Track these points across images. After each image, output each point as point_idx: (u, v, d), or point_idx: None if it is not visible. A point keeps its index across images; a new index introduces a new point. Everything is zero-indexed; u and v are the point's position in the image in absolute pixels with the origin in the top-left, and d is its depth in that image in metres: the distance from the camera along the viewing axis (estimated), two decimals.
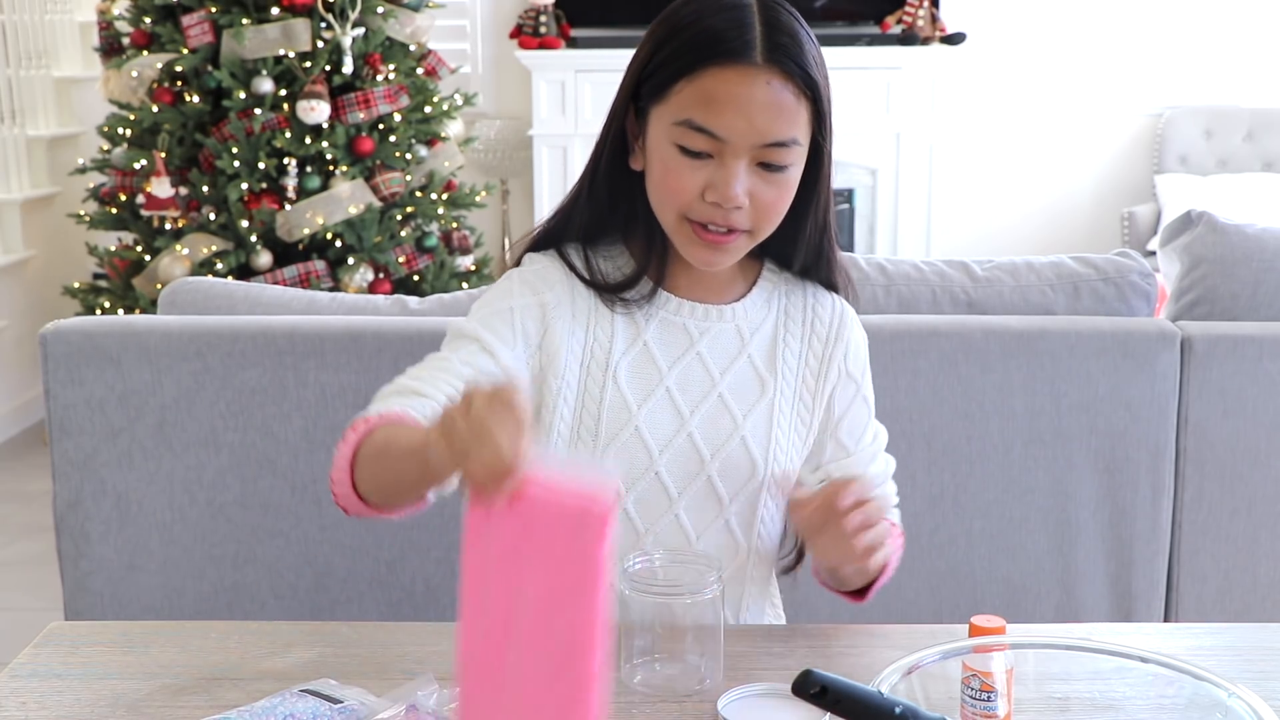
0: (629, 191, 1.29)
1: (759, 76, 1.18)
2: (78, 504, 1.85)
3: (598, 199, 1.31)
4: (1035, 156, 5.49)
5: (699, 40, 1.19)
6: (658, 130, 1.23)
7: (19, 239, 4.61)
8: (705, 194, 1.21)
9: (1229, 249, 1.98)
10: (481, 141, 5.14)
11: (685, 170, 1.21)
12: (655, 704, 1.11)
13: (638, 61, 1.25)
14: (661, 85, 1.22)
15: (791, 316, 1.36)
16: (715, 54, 1.18)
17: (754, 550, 1.35)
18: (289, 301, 1.97)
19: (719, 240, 1.24)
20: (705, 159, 1.21)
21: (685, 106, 1.20)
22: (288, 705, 1.05)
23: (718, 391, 1.31)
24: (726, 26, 1.19)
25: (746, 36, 1.19)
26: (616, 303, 1.30)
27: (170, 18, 3.90)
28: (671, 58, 1.21)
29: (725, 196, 1.20)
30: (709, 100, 1.19)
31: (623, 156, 1.29)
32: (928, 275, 1.96)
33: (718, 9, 1.21)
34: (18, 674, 1.16)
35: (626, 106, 1.27)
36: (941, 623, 1.21)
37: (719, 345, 1.32)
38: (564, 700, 0.91)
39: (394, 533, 1.87)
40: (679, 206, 1.23)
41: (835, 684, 0.88)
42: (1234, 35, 5.38)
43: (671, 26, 1.22)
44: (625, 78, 1.27)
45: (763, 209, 1.23)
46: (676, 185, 1.22)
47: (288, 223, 3.82)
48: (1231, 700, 0.94)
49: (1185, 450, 1.91)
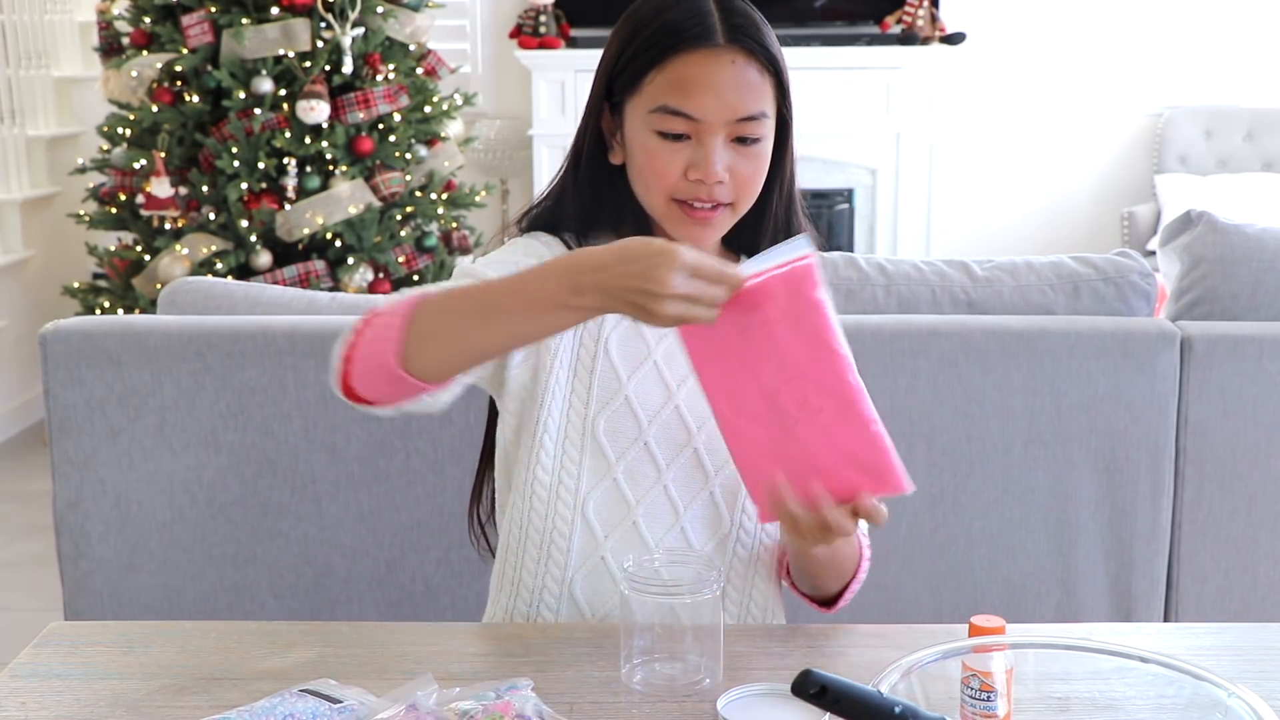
0: (612, 186, 1.36)
1: (723, 56, 1.26)
2: (77, 504, 1.85)
3: (583, 196, 1.37)
4: (1035, 156, 5.49)
5: (663, 31, 1.28)
6: (635, 121, 1.30)
7: (19, 239, 4.61)
8: (688, 173, 1.28)
9: (1229, 249, 1.98)
10: (481, 141, 5.14)
11: (666, 154, 1.28)
12: (655, 704, 1.11)
13: (607, 61, 1.33)
14: (633, 78, 1.29)
15: None
16: (681, 41, 1.27)
17: (737, 525, 1.37)
18: (289, 301, 1.97)
19: (706, 216, 1.30)
20: (684, 141, 1.28)
21: (659, 94, 1.27)
22: (287, 705, 1.05)
23: None
24: (686, 16, 1.27)
25: (707, 22, 1.27)
26: None
27: (170, 18, 3.90)
28: (639, 52, 1.29)
29: (707, 173, 1.27)
30: (680, 84, 1.26)
31: (602, 154, 1.36)
32: (928, 275, 1.96)
33: (674, 3, 1.29)
34: (18, 674, 1.16)
35: (601, 105, 1.34)
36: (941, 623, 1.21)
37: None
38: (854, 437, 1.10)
39: (394, 533, 1.87)
40: (665, 189, 1.30)
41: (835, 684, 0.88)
42: (1234, 35, 5.38)
43: (634, 24, 1.31)
44: (596, 79, 1.35)
45: (742, 181, 1.30)
46: (660, 168, 1.29)
47: (287, 223, 3.82)
48: (1231, 700, 0.94)
49: (1185, 450, 1.91)
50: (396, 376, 1.13)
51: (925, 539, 1.90)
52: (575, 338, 1.34)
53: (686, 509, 1.35)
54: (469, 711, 1.02)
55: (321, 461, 1.85)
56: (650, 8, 1.30)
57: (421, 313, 1.12)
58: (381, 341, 1.12)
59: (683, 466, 1.35)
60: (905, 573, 1.92)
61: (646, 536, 1.34)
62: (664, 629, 1.13)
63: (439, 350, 1.12)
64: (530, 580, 1.36)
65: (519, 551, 1.37)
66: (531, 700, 1.05)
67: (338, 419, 1.84)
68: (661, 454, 1.34)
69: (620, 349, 1.35)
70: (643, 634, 1.14)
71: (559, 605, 1.35)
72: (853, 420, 1.11)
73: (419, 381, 1.13)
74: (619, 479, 1.34)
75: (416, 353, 1.12)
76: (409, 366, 1.12)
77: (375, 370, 1.13)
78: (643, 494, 1.35)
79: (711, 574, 1.14)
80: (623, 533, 1.35)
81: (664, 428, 1.34)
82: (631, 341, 1.36)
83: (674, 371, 1.35)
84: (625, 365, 1.35)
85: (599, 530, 1.35)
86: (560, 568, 1.35)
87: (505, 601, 1.39)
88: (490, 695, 1.05)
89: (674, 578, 1.15)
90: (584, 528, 1.34)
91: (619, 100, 1.32)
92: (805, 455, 1.13)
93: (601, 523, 1.35)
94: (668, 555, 1.21)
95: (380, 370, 1.13)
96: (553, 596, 1.35)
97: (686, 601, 1.13)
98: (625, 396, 1.34)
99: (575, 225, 1.38)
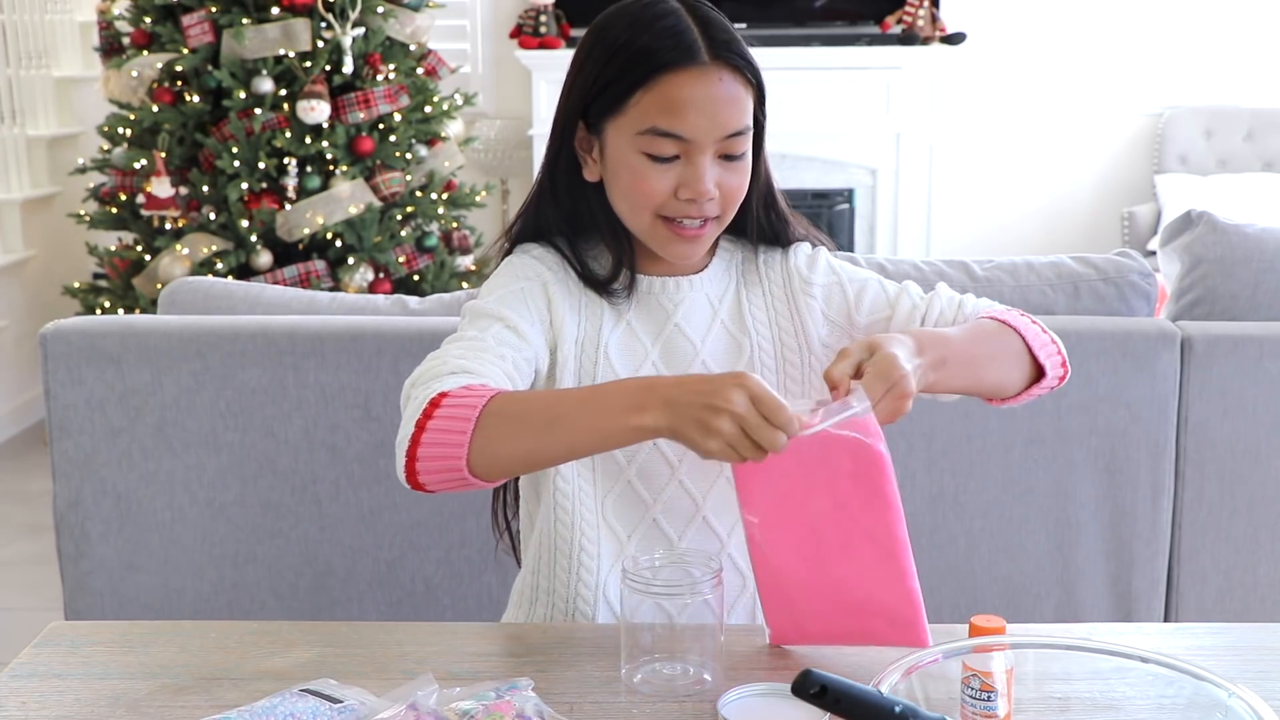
0: (587, 201, 1.36)
1: (710, 74, 1.25)
2: (78, 504, 1.85)
3: (561, 209, 1.37)
4: (1035, 156, 5.49)
5: (644, 53, 1.25)
6: (618, 142, 1.29)
7: (19, 239, 4.61)
8: (678, 192, 1.28)
9: (1229, 249, 1.98)
10: (481, 141, 5.14)
11: (655, 175, 1.27)
12: (655, 704, 1.11)
13: (582, 82, 1.30)
14: (616, 100, 1.27)
15: (748, 280, 1.42)
16: (667, 61, 1.24)
17: None
18: (289, 301, 1.97)
19: (695, 234, 1.31)
20: (672, 161, 1.27)
21: (647, 115, 1.26)
22: (288, 705, 1.05)
23: (701, 359, 1.37)
24: (666, 35, 1.25)
25: (688, 40, 1.25)
26: (603, 294, 1.36)
27: (170, 17, 3.90)
28: (620, 74, 1.26)
29: (699, 192, 1.27)
30: (670, 105, 1.25)
31: (576, 170, 1.35)
32: (928, 275, 1.96)
33: (649, 22, 1.26)
34: (18, 674, 1.17)
35: (574, 124, 1.32)
36: (941, 623, 1.21)
37: (694, 314, 1.38)
38: (891, 588, 1.15)
39: (394, 533, 1.87)
40: (653, 208, 1.29)
41: (835, 684, 0.88)
42: (1234, 35, 5.38)
43: (609, 47, 1.28)
44: (569, 98, 1.32)
45: (729, 194, 1.30)
46: (649, 189, 1.28)
47: (288, 223, 3.82)
48: (1231, 700, 0.94)
49: (1185, 450, 1.91)
50: (463, 479, 1.15)
51: (925, 539, 1.90)
52: (577, 344, 1.34)
53: (705, 498, 1.36)
54: (469, 711, 1.02)
55: (321, 461, 1.85)
56: (623, 27, 1.27)
57: (489, 419, 1.13)
58: (451, 445, 1.13)
59: (695, 459, 1.33)
60: None
61: (669, 531, 1.35)
62: (663, 629, 1.14)
63: (504, 457, 1.14)
64: (564, 590, 1.37)
65: (550, 562, 1.37)
66: (532, 700, 1.05)
67: (338, 419, 1.84)
68: (672, 451, 1.34)
69: (620, 353, 1.35)
70: (643, 634, 1.14)
71: (594, 612, 1.36)
72: (893, 571, 1.15)
73: (479, 481, 1.16)
74: (632, 480, 1.35)
75: (481, 457, 1.13)
76: (473, 470, 1.14)
77: (443, 471, 1.15)
78: (658, 491, 1.35)
79: (710, 574, 1.14)
80: (644, 530, 1.35)
81: None
82: (629, 344, 1.36)
83: (672, 368, 1.36)
84: (625, 367, 1.35)
85: (621, 532, 1.35)
86: (591, 573, 1.35)
87: (542, 612, 1.40)
88: (490, 695, 1.05)
89: (673, 578, 1.15)
90: (607, 531, 1.35)
91: (596, 121, 1.30)
92: (836, 592, 1.16)
93: (622, 524, 1.35)
94: (667, 555, 1.21)
95: (448, 472, 1.15)
96: (586, 604, 1.36)
97: (685, 602, 1.13)
98: None
99: (560, 230, 1.38)
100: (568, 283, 1.36)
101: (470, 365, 1.21)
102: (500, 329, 1.28)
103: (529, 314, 1.32)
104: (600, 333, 1.35)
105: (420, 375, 1.21)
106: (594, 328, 1.35)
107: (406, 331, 1.83)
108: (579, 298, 1.36)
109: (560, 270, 1.36)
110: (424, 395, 1.16)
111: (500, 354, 1.25)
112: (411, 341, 1.81)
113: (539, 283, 1.34)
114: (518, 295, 1.33)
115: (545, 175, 1.38)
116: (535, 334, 1.31)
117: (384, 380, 1.82)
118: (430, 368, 1.21)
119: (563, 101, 1.34)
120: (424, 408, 1.14)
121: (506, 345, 1.27)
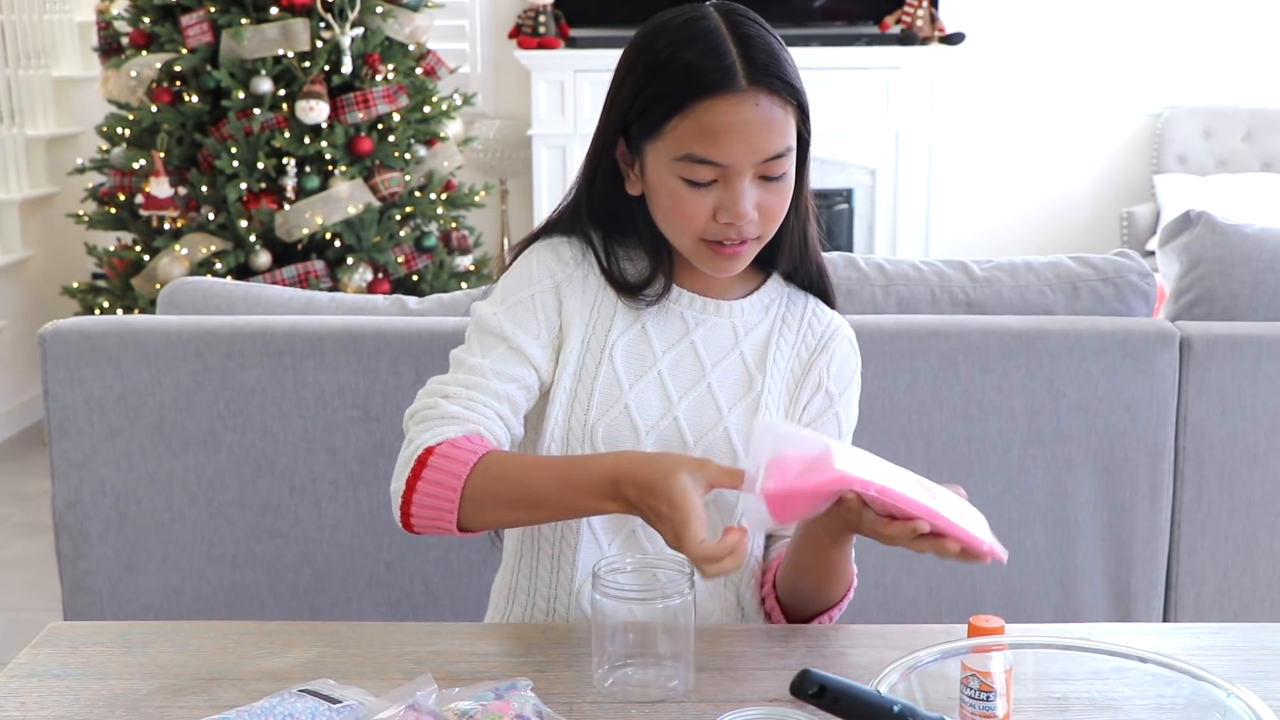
0: (629, 211, 1.35)
1: (747, 100, 1.23)
2: (77, 504, 1.85)
3: (599, 218, 1.37)
4: (1034, 156, 5.49)
5: (682, 76, 1.23)
6: (657, 165, 1.28)
7: (18, 239, 4.61)
8: (717, 215, 1.27)
9: (1228, 249, 1.98)
10: (481, 141, 5.14)
11: (693, 199, 1.26)
12: (656, 704, 1.10)
13: (623, 98, 1.29)
14: (654, 124, 1.26)
15: (788, 323, 1.41)
16: (702, 88, 1.22)
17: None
18: (288, 301, 1.97)
19: (735, 251, 1.30)
20: (710, 185, 1.26)
21: (683, 141, 1.24)
22: (287, 705, 1.05)
23: (707, 381, 1.35)
24: (704, 58, 1.23)
25: (725, 63, 1.22)
26: (631, 299, 1.36)
27: (169, 18, 3.90)
28: (659, 97, 1.25)
29: (737, 215, 1.26)
30: (705, 132, 1.23)
31: (618, 182, 1.34)
32: (927, 275, 1.96)
33: (691, 39, 1.24)
34: (17, 674, 1.16)
35: (615, 138, 1.31)
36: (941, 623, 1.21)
37: (713, 338, 1.37)
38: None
39: (393, 533, 1.87)
40: (694, 232, 1.29)
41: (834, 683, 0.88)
42: (1233, 35, 5.38)
43: (649, 65, 1.26)
44: (611, 113, 1.32)
45: (768, 214, 1.29)
46: (689, 214, 1.27)
47: (287, 223, 3.82)
48: (1230, 700, 0.94)
49: (1184, 450, 1.92)
50: (451, 532, 1.24)
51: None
52: (583, 343, 1.34)
53: None
54: (469, 711, 1.02)
55: (321, 461, 1.85)
56: (665, 44, 1.25)
57: (475, 490, 1.21)
58: (443, 510, 1.22)
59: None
60: (905, 573, 1.92)
61: (646, 545, 1.34)
62: (636, 633, 1.12)
63: (493, 523, 1.27)
64: (545, 589, 1.37)
65: (532, 561, 1.38)
66: (531, 700, 1.05)
67: (337, 419, 1.84)
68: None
69: (625, 358, 1.34)
70: (615, 638, 1.13)
71: (569, 615, 1.36)
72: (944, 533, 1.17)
73: (469, 534, 1.25)
74: None
75: (471, 520, 1.23)
76: (462, 525, 1.23)
77: (436, 527, 1.24)
78: None
79: (683, 579, 1.13)
80: (623, 540, 1.35)
81: (661, 439, 1.33)
82: (638, 349, 1.35)
83: (677, 383, 1.34)
84: (629, 373, 1.34)
85: (603, 539, 1.35)
86: (569, 578, 1.35)
87: (519, 612, 1.39)
88: (490, 695, 1.05)
89: (645, 582, 1.14)
90: (590, 537, 1.35)
91: (636, 140, 1.29)
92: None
93: (605, 532, 1.35)
94: (639, 559, 1.20)
95: (441, 529, 1.24)
96: (563, 606, 1.36)
97: (658, 606, 1.12)
98: (625, 405, 1.33)
99: (598, 226, 1.38)
100: (587, 278, 1.35)
101: (464, 412, 1.26)
102: (503, 352, 1.31)
103: (535, 326, 1.32)
104: (609, 334, 1.34)
105: (418, 412, 1.27)
106: (603, 328, 1.34)
107: (405, 332, 1.83)
108: (595, 294, 1.35)
109: (581, 265, 1.36)
110: (418, 445, 1.23)
111: (498, 393, 1.28)
112: (410, 342, 1.81)
113: (551, 284, 1.34)
114: (526, 306, 1.33)
115: (584, 183, 1.37)
116: (538, 351, 1.32)
117: (383, 380, 1.82)
118: (428, 407, 1.27)
119: (605, 115, 1.33)
120: (412, 466, 1.22)
121: (506, 377, 1.30)
